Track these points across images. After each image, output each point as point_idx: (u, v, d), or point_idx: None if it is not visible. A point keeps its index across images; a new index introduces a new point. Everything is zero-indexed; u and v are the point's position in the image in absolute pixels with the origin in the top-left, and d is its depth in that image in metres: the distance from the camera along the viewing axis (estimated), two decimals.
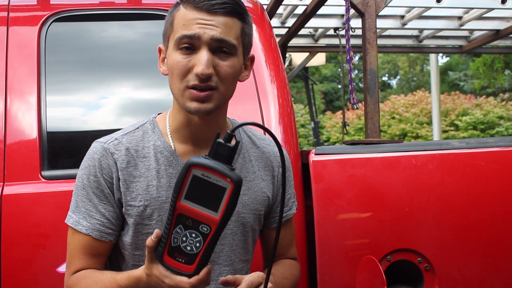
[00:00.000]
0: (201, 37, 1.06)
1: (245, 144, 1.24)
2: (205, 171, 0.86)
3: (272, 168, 1.26)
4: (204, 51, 1.06)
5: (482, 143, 1.78)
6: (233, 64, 1.10)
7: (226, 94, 1.12)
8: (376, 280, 1.46)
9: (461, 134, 11.87)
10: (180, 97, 1.10)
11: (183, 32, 1.07)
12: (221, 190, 0.85)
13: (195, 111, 1.09)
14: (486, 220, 1.69)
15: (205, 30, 1.06)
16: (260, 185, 1.22)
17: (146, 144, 1.16)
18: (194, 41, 1.07)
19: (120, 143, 1.16)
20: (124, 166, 1.13)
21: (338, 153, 1.70)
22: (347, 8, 2.03)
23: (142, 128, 1.19)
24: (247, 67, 1.20)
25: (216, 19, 1.07)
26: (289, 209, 1.31)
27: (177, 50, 1.09)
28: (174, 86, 1.11)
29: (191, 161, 0.86)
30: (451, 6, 2.98)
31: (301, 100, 16.46)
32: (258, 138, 1.28)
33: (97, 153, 1.15)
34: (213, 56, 1.07)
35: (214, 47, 1.07)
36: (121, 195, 1.13)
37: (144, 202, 1.12)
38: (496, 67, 8.73)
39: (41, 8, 1.80)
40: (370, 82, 1.96)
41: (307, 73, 5.84)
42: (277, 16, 3.14)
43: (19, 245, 1.52)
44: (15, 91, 1.66)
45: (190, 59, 1.07)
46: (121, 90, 1.84)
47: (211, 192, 0.86)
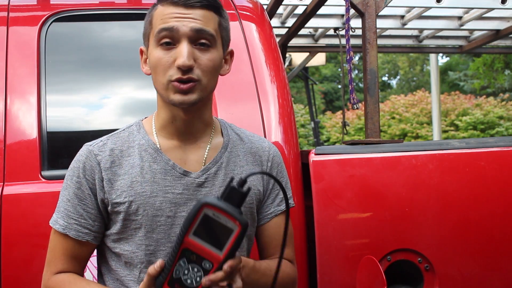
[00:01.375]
0: (180, 29, 1.08)
1: (232, 140, 1.25)
2: (216, 211, 0.90)
3: (260, 162, 1.27)
4: (184, 44, 1.09)
5: (482, 143, 1.78)
6: (213, 57, 1.12)
7: (208, 86, 1.13)
8: (376, 280, 1.46)
9: (461, 134, 11.88)
10: (164, 91, 1.12)
11: (161, 26, 1.09)
12: (229, 231, 0.90)
13: (179, 103, 1.10)
14: (486, 220, 1.69)
15: (183, 22, 1.09)
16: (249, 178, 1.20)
17: (131, 144, 1.19)
18: (173, 35, 1.09)
19: (105, 144, 1.19)
20: (108, 166, 1.16)
21: (338, 153, 1.70)
22: (347, 8, 2.03)
23: (128, 130, 1.23)
24: (227, 61, 1.23)
25: (194, 12, 1.10)
26: (277, 205, 1.28)
27: (158, 46, 1.11)
28: (158, 82, 1.13)
29: (205, 201, 0.91)
30: (451, 6, 2.98)
31: (301, 100, 16.46)
32: (246, 135, 1.30)
33: (82, 156, 1.19)
34: (193, 49, 1.10)
35: (194, 39, 1.10)
36: (105, 194, 1.15)
37: (129, 198, 1.14)
38: (496, 67, 8.74)
39: (41, 8, 1.80)
40: (370, 82, 1.96)
41: (307, 73, 5.84)
42: (277, 16, 3.14)
43: (19, 245, 1.52)
44: (15, 91, 1.66)
45: (171, 54, 1.10)
46: (121, 90, 1.84)
47: (219, 231, 0.90)
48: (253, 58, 1.79)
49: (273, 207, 1.28)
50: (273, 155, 1.30)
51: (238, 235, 0.90)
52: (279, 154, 1.32)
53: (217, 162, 1.20)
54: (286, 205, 0.98)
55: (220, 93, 1.72)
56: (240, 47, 1.79)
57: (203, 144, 1.21)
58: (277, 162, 1.30)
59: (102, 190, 1.15)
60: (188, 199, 1.15)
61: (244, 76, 1.78)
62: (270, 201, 1.28)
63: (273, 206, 1.28)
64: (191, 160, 1.18)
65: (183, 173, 1.16)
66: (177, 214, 1.14)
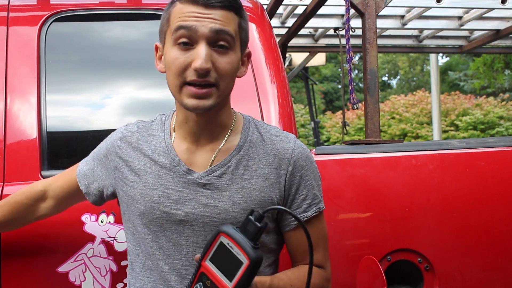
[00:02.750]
0: (198, 29, 1.05)
1: (250, 141, 1.19)
2: (231, 241, 0.90)
3: (278, 166, 1.17)
4: (203, 45, 1.05)
5: (482, 143, 1.78)
6: (232, 60, 1.09)
7: (225, 90, 1.11)
8: (376, 280, 1.46)
9: (461, 134, 11.88)
10: (177, 94, 1.09)
11: (179, 23, 1.06)
12: (239, 263, 0.89)
13: (193, 108, 1.08)
14: (486, 220, 1.69)
15: (202, 23, 1.05)
16: (260, 184, 1.15)
17: (153, 132, 1.21)
18: (192, 34, 1.05)
19: (133, 126, 1.25)
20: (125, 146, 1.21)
21: (338, 153, 1.70)
22: (347, 8, 2.03)
23: (158, 119, 1.25)
24: (244, 63, 1.19)
25: (214, 13, 1.06)
26: (303, 211, 1.18)
27: (175, 45, 1.07)
28: (172, 83, 1.09)
29: (222, 229, 0.91)
30: (451, 6, 2.99)
31: (301, 100, 16.46)
32: (270, 135, 1.21)
33: (113, 135, 1.26)
34: (212, 51, 1.06)
35: (213, 41, 1.06)
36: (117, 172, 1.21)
37: (133, 184, 1.17)
38: (496, 67, 8.74)
39: (41, 8, 1.80)
40: (370, 82, 1.96)
41: (307, 73, 5.83)
42: (277, 16, 3.14)
43: (19, 245, 1.52)
44: (15, 91, 1.66)
45: (188, 54, 1.06)
46: (121, 90, 1.84)
47: (231, 261, 0.90)
48: (253, 58, 1.79)
49: (297, 213, 1.18)
50: (296, 158, 1.18)
51: (246, 269, 0.88)
52: (306, 156, 1.20)
53: (224, 165, 1.15)
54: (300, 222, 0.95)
55: None
56: None
57: (215, 146, 1.17)
58: (301, 165, 1.18)
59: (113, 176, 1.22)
60: (187, 198, 1.13)
61: (244, 76, 1.78)
62: (295, 207, 1.19)
63: (298, 212, 1.18)
64: (197, 161, 1.16)
65: (186, 171, 1.14)
66: (173, 211, 1.13)
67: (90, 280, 1.53)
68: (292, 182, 1.18)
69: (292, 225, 1.19)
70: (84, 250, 1.53)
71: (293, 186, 1.18)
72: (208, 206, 1.13)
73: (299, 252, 1.20)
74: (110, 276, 1.55)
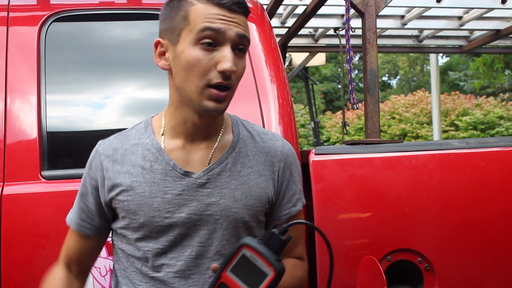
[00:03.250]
0: (226, 32, 1.05)
1: (242, 139, 1.22)
2: (254, 254, 0.93)
3: (272, 163, 1.22)
4: (228, 48, 1.05)
5: (482, 143, 1.78)
6: (245, 64, 1.12)
7: (234, 93, 1.13)
8: (376, 280, 1.46)
9: (461, 134, 11.88)
10: (197, 95, 1.07)
11: (207, 25, 1.04)
12: (263, 275, 0.92)
13: (213, 110, 1.08)
14: (486, 220, 1.69)
15: (229, 26, 1.05)
16: (257, 180, 1.18)
17: (136, 141, 1.18)
18: (218, 36, 1.05)
19: (110, 143, 1.20)
20: (110, 165, 1.16)
21: (338, 153, 1.70)
22: (347, 8, 2.03)
23: (136, 127, 1.22)
24: None
25: (237, 17, 1.07)
26: (293, 206, 1.25)
27: (196, 45, 1.05)
28: (191, 84, 1.07)
29: (245, 242, 0.94)
30: (451, 6, 2.98)
31: (301, 100, 16.46)
32: (259, 133, 1.25)
33: (92, 154, 1.22)
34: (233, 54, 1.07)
35: (235, 45, 1.07)
36: (106, 192, 1.16)
37: (128, 197, 1.13)
38: (496, 67, 8.74)
39: (41, 8, 1.80)
40: (370, 82, 1.96)
41: (307, 73, 5.83)
42: (277, 16, 3.14)
43: (19, 245, 1.52)
44: (15, 91, 1.66)
45: (212, 56, 1.05)
46: (121, 90, 1.84)
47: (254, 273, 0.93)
48: (253, 58, 1.79)
49: (288, 208, 1.24)
50: (286, 155, 1.24)
51: (271, 281, 0.92)
52: (293, 153, 1.27)
53: (222, 163, 1.16)
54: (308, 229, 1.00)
55: None
56: None
57: (210, 144, 1.18)
58: (290, 162, 1.25)
59: (104, 188, 1.16)
60: (188, 199, 1.13)
61: (244, 76, 1.77)
62: (286, 201, 1.24)
63: (289, 207, 1.24)
64: (194, 161, 1.16)
65: (183, 174, 1.14)
66: (175, 215, 1.12)
67: (90, 280, 1.53)
68: (284, 178, 1.23)
69: (283, 219, 1.24)
70: None
71: (284, 182, 1.23)
72: (210, 205, 1.14)
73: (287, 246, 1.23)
74: (110, 276, 1.55)
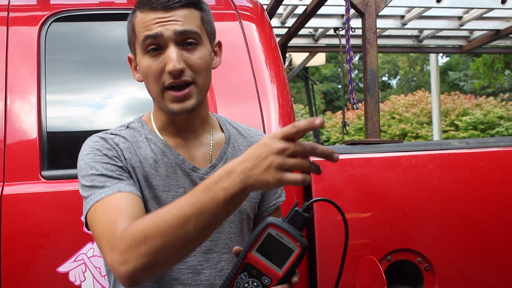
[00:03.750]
0: (164, 34, 1.07)
1: (233, 135, 1.25)
2: (280, 231, 0.96)
3: None
4: (171, 48, 1.07)
5: (482, 143, 1.78)
6: (203, 55, 1.11)
7: (204, 86, 1.13)
8: (376, 280, 1.46)
9: (461, 134, 11.87)
10: (160, 100, 1.11)
11: (145, 33, 1.08)
12: (289, 251, 0.96)
13: (179, 112, 1.10)
14: (486, 220, 1.69)
15: (166, 26, 1.07)
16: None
17: (139, 138, 1.17)
18: (159, 40, 1.08)
19: (116, 135, 1.15)
20: (125, 150, 1.13)
21: (338, 153, 1.70)
22: (347, 8, 2.03)
23: (132, 126, 1.21)
24: (216, 53, 1.21)
25: (174, 14, 1.08)
26: (279, 196, 1.31)
27: (145, 54, 1.09)
28: (152, 91, 1.11)
29: (270, 221, 0.96)
30: (451, 6, 2.99)
31: (301, 100, 16.46)
32: (244, 129, 1.30)
33: (97, 142, 1.12)
34: (181, 50, 1.08)
35: (180, 41, 1.08)
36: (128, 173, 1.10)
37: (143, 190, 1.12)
38: (496, 67, 8.75)
39: (41, 8, 1.80)
40: (370, 82, 1.96)
41: (307, 73, 5.83)
42: (277, 16, 3.14)
43: (19, 245, 1.52)
44: (15, 91, 1.66)
45: (160, 59, 1.08)
46: (121, 90, 1.84)
47: (280, 250, 0.96)
48: (253, 58, 1.79)
49: (274, 199, 1.30)
50: None
51: (298, 256, 0.95)
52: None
53: (222, 158, 1.20)
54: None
55: (220, 93, 1.72)
56: (240, 47, 1.79)
57: (205, 141, 1.20)
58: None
59: (126, 163, 1.11)
60: None
61: (244, 76, 1.78)
62: (272, 193, 1.29)
63: (275, 198, 1.30)
64: (198, 157, 1.18)
65: (192, 169, 1.16)
66: None
67: (90, 280, 1.54)
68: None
69: (270, 210, 1.29)
70: (84, 250, 1.53)
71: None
72: None
73: None
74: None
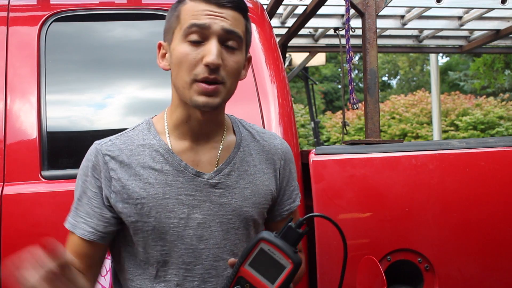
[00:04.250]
0: (211, 27, 1.05)
1: (244, 138, 1.23)
2: (272, 247, 0.96)
3: (273, 161, 1.25)
4: (214, 42, 1.06)
5: (482, 143, 1.78)
6: (238, 60, 1.10)
7: (230, 89, 1.11)
8: (376, 280, 1.46)
9: (461, 134, 11.87)
10: (186, 90, 1.08)
11: (193, 21, 1.06)
12: (282, 267, 0.95)
13: (203, 105, 1.07)
14: (486, 220, 1.69)
15: (215, 20, 1.06)
16: (262, 178, 1.21)
17: (141, 142, 1.16)
18: (204, 32, 1.06)
19: (113, 144, 1.16)
20: (117, 167, 1.13)
21: (338, 153, 1.70)
22: (347, 8, 2.03)
23: (138, 128, 1.20)
24: (245, 67, 1.19)
25: (225, 12, 1.07)
26: (293, 201, 1.30)
27: (185, 42, 1.07)
28: (180, 80, 1.08)
29: (262, 236, 0.97)
30: (451, 6, 2.98)
31: (301, 100, 16.46)
32: (257, 132, 1.27)
33: (91, 155, 1.16)
34: (222, 49, 1.07)
35: (223, 39, 1.07)
36: (112, 194, 1.12)
37: (141, 200, 1.11)
38: (496, 67, 8.74)
39: (41, 8, 1.80)
40: (370, 82, 1.96)
41: (307, 73, 5.83)
42: (277, 16, 3.14)
43: (19, 245, 1.52)
44: (15, 91, 1.66)
45: (199, 51, 1.06)
46: (122, 90, 1.84)
47: (272, 266, 0.96)
48: (253, 58, 1.79)
49: (289, 203, 1.28)
50: (285, 153, 1.28)
51: (290, 272, 0.95)
52: (290, 150, 1.30)
53: (230, 163, 1.18)
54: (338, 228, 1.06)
55: None
56: None
57: (215, 144, 1.18)
58: (289, 159, 1.28)
59: (110, 189, 1.12)
60: (202, 200, 1.13)
61: None
62: (286, 197, 1.28)
63: (289, 202, 1.28)
64: (203, 162, 1.16)
65: (195, 174, 1.14)
66: (190, 216, 1.12)
67: None
68: (284, 175, 1.27)
69: (284, 215, 1.28)
70: None
71: (284, 179, 1.27)
72: (223, 205, 1.15)
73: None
74: (110, 276, 1.55)
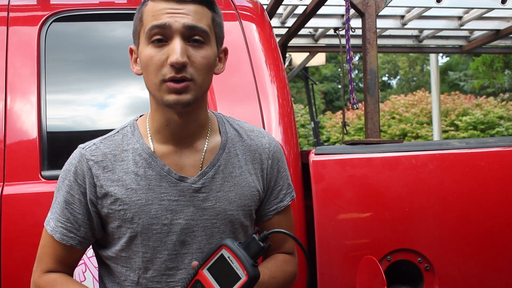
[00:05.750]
0: (172, 25, 1.04)
1: (230, 139, 1.21)
2: (232, 255, 0.94)
3: (260, 160, 1.23)
4: (177, 40, 1.04)
5: (482, 143, 1.78)
6: (207, 54, 1.08)
7: (202, 85, 1.09)
8: (376, 280, 1.46)
9: (461, 134, 11.87)
10: (157, 92, 1.07)
11: (153, 22, 1.05)
12: (237, 278, 0.93)
13: (174, 103, 1.05)
14: (486, 220, 1.69)
15: (175, 18, 1.04)
16: (248, 179, 1.19)
17: (125, 147, 1.15)
18: (166, 31, 1.04)
19: (97, 148, 1.15)
20: (100, 172, 1.12)
21: (338, 153, 1.70)
22: (347, 8, 2.03)
23: (122, 132, 1.18)
24: (221, 60, 1.18)
25: (186, 8, 1.06)
26: (280, 201, 1.26)
27: (149, 44, 1.06)
28: (150, 82, 1.07)
29: (225, 242, 0.95)
30: (451, 6, 2.98)
31: (301, 100, 16.46)
32: (245, 131, 1.25)
33: (75, 159, 1.15)
34: (187, 46, 1.05)
35: (187, 36, 1.05)
36: (98, 200, 1.12)
37: (124, 206, 1.10)
38: (496, 67, 8.74)
39: (41, 8, 1.80)
40: (370, 82, 1.96)
41: (307, 73, 5.83)
42: (277, 16, 3.14)
43: (19, 245, 1.52)
44: (15, 91, 1.66)
45: (163, 51, 1.05)
46: (121, 90, 1.84)
47: (228, 274, 0.94)
48: (253, 58, 1.79)
49: (275, 203, 1.26)
50: (273, 152, 1.25)
51: (243, 285, 0.93)
52: (279, 149, 1.27)
53: (215, 165, 1.16)
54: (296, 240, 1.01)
55: (220, 93, 1.72)
56: (240, 47, 1.79)
57: (199, 146, 1.16)
58: (278, 158, 1.26)
59: (94, 195, 1.12)
60: (185, 205, 1.12)
61: (244, 76, 1.78)
62: (273, 197, 1.25)
63: (276, 202, 1.26)
64: (187, 165, 1.14)
65: (179, 179, 1.12)
66: (174, 222, 1.11)
67: (90, 280, 1.53)
68: (272, 175, 1.25)
69: (271, 215, 1.26)
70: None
71: (272, 179, 1.25)
72: (207, 209, 1.13)
73: (274, 240, 1.22)
74: None
